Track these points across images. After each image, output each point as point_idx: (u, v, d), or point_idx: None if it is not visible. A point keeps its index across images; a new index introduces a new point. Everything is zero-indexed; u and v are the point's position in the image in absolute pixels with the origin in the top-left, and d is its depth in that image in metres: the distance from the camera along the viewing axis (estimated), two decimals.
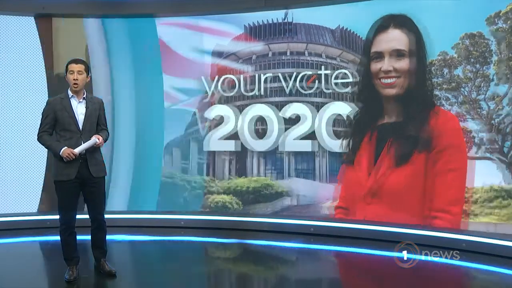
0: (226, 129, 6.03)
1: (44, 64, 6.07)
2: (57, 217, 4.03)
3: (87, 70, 4.05)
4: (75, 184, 3.98)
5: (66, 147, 3.91)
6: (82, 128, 3.99)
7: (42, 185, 6.06)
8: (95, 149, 4.03)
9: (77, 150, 3.91)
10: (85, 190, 4.05)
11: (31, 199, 6.05)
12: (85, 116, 4.01)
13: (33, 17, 6.03)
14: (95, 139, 3.98)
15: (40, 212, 6.03)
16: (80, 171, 3.96)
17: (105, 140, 4.09)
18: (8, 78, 5.99)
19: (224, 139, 6.05)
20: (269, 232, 5.64)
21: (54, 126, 4.01)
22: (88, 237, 4.20)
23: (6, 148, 6.00)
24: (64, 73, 4.05)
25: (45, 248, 5.42)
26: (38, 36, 6.05)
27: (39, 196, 6.06)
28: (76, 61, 4.02)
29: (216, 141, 6.07)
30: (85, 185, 4.03)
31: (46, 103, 4.06)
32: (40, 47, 6.06)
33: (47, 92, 6.02)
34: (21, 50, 6.01)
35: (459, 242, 4.79)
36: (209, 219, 5.95)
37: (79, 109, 4.01)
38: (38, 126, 4.04)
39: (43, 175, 6.05)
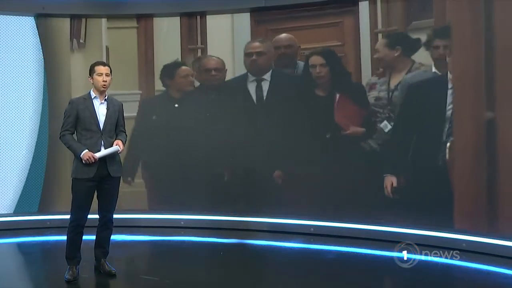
0: None
1: (44, 64, 6.06)
2: (57, 217, 4.06)
3: (111, 72, 4.17)
4: (93, 182, 4.06)
5: (87, 150, 3.99)
6: (102, 128, 4.09)
7: (42, 185, 6.06)
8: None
9: (98, 155, 4.00)
10: (100, 188, 4.12)
11: (31, 199, 6.03)
12: (106, 116, 4.11)
13: (33, 17, 6.02)
14: (117, 147, 4.08)
15: (40, 212, 6.01)
16: (99, 170, 4.04)
17: (124, 143, 4.19)
18: (8, 78, 5.98)
19: None
20: (269, 232, 5.64)
21: (76, 125, 4.09)
22: (90, 237, 4.21)
23: (6, 147, 5.99)
24: (89, 74, 4.13)
25: (45, 248, 5.42)
26: (38, 36, 6.05)
27: (39, 196, 6.05)
28: (104, 64, 4.17)
29: None
30: (102, 184, 4.10)
31: (69, 102, 4.17)
32: (40, 47, 6.06)
33: (47, 92, 6.02)
34: (21, 50, 6.00)
35: (459, 242, 4.78)
36: (209, 219, 5.94)
37: (101, 109, 4.11)
38: (61, 125, 4.13)
39: (43, 175, 6.05)
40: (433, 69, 4.56)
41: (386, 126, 4.74)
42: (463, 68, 4.22)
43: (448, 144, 4.56)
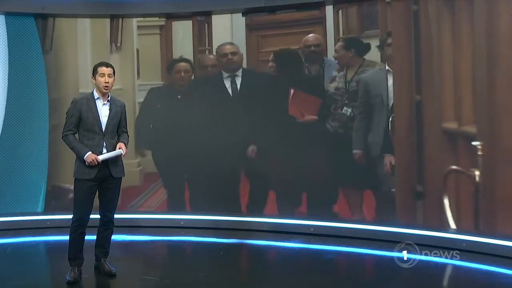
0: None
1: (44, 65, 6.06)
2: (58, 217, 4.06)
3: (114, 73, 4.18)
4: (94, 182, 4.08)
5: (90, 153, 4.02)
6: (104, 130, 4.10)
7: (43, 185, 6.05)
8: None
9: (101, 158, 4.03)
10: (102, 188, 4.14)
11: (32, 199, 6.02)
12: (108, 118, 4.12)
13: (33, 17, 6.02)
14: (120, 151, 4.11)
15: (40, 212, 6.01)
16: (100, 171, 4.06)
17: (126, 145, 4.22)
18: (7, 78, 5.97)
19: None
20: (269, 232, 5.64)
21: (78, 125, 4.10)
22: (90, 237, 4.21)
23: (7, 147, 5.98)
24: (92, 74, 4.15)
25: (45, 248, 5.43)
26: (37, 36, 6.05)
27: (40, 196, 6.05)
28: (107, 65, 4.16)
29: None
30: (103, 184, 4.13)
31: (72, 102, 4.17)
32: (40, 47, 6.06)
33: (47, 93, 6.03)
34: (20, 50, 5.99)
35: (459, 242, 4.79)
36: (209, 219, 5.94)
37: (103, 111, 4.12)
38: (63, 125, 4.16)
39: (45, 175, 6.04)
40: (386, 67, 5.62)
41: (347, 111, 5.75)
42: (400, 65, 5.51)
43: (390, 119, 5.52)
